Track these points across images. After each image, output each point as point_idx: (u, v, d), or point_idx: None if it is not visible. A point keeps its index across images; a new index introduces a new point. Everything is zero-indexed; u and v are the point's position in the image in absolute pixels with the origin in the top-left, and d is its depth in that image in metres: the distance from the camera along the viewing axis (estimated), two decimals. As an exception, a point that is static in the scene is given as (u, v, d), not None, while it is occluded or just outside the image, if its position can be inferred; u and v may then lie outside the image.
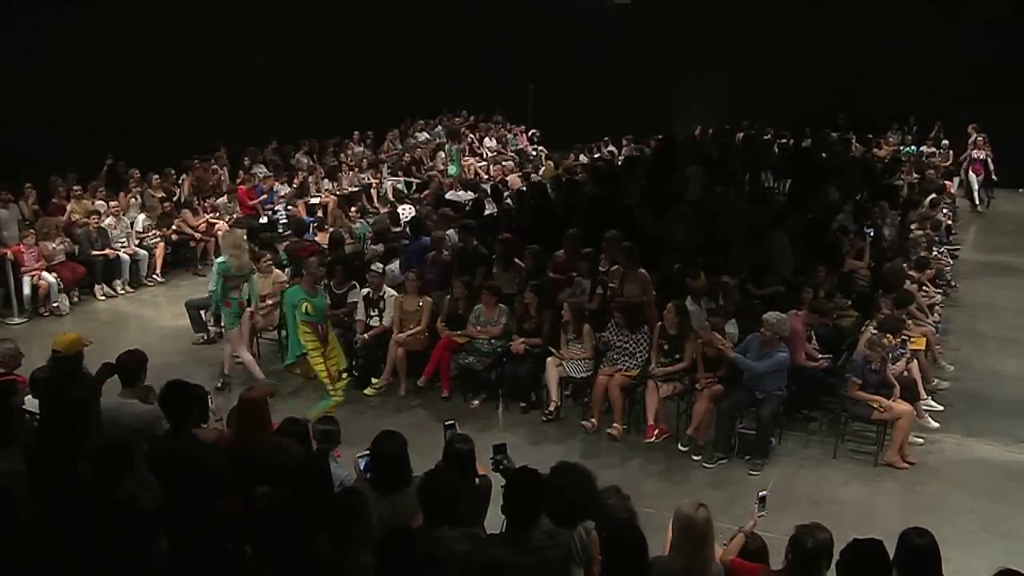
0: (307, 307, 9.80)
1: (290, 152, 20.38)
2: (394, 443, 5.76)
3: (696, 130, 24.15)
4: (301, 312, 9.80)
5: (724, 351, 9.65)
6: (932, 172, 20.49)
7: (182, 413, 6.29)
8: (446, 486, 5.20)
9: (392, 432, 5.91)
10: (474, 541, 5.01)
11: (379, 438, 5.83)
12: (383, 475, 5.68)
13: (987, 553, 7.33)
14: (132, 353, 7.27)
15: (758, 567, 5.59)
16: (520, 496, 4.92)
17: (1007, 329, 13.63)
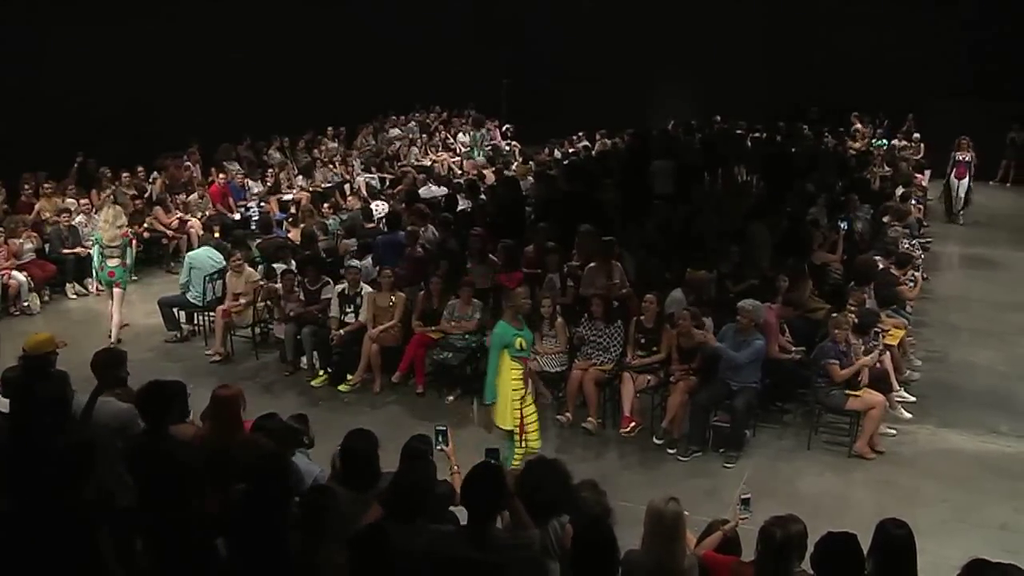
0: (520, 342, 8.65)
1: (263, 148, 20.27)
2: (364, 441, 5.73)
3: (670, 124, 24.15)
4: (515, 348, 8.61)
5: (706, 341, 9.67)
6: (904, 164, 20.55)
7: (159, 411, 6.24)
8: (418, 483, 5.18)
9: (363, 430, 5.88)
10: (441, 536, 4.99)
11: (350, 436, 5.80)
12: (353, 472, 5.64)
13: (961, 543, 7.37)
14: (109, 351, 7.23)
15: (730, 559, 5.60)
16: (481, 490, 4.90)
17: (980, 321, 13.72)
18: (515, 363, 8.63)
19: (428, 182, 18.19)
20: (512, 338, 8.60)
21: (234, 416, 6.58)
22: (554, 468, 5.37)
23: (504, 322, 8.74)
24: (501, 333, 8.69)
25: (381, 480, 5.57)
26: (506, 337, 8.62)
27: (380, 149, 22.42)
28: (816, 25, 25.08)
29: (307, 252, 12.81)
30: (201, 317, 12.88)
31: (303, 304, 11.63)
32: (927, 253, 16.49)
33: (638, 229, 13.35)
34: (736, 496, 6.29)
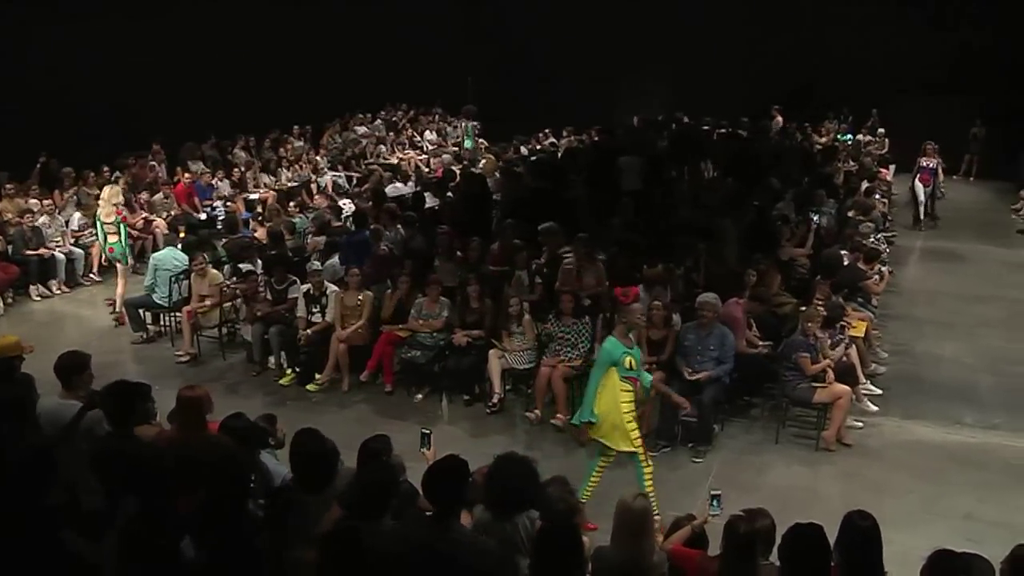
0: (630, 361, 7.94)
1: (228, 147, 20.14)
2: (313, 442, 5.69)
3: (635, 120, 24.20)
4: (624, 368, 7.91)
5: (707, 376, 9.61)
6: (868, 159, 20.71)
7: (124, 413, 6.18)
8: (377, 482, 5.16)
9: (311, 431, 5.84)
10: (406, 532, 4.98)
11: (297, 438, 5.76)
12: (304, 474, 5.60)
13: (927, 533, 7.46)
14: (73, 354, 7.15)
15: (697, 553, 5.63)
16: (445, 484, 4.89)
17: (944, 313, 13.85)
18: (625, 383, 7.91)
19: (395, 180, 18.14)
20: (622, 356, 7.89)
21: (199, 417, 6.54)
22: (522, 464, 5.37)
23: (614, 338, 8.01)
24: (610, 349, 7.94)
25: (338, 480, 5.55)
26: (615, 354, 7.89)
27: (345, 147, 22.31)
28: (781, 22, 25.20)
29: (274, 251, 12.74)
30: (168, 318, 12.78)
31: (270, 304, 11.57)
32: (892, 247, 16.64)
33: (605, 226, 13.37)
34: (707, 491, 6.25)
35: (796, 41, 24.87)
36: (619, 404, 7.85)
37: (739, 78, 25.07)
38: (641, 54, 25.85)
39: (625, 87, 26.57)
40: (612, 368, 7.87)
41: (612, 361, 7.87)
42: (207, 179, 17.90)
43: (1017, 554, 4.74)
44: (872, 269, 12.66)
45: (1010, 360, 12.11)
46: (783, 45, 24.97)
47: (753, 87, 25.10)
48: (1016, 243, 18.37)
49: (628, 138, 20.26)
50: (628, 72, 26.24)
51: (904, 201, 19.94)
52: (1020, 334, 13.07)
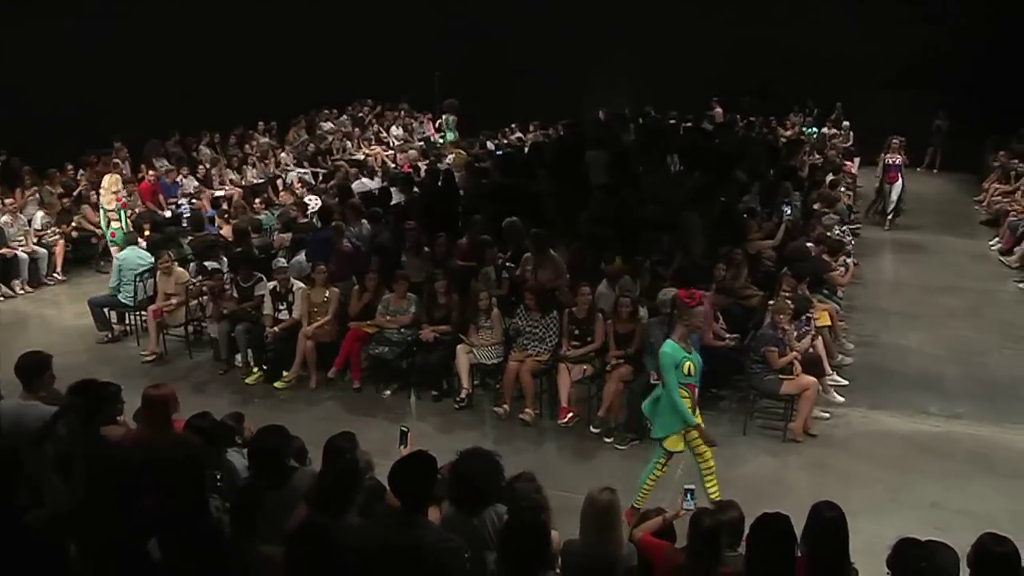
0: (689, 366, 7.72)
1: (192, 144, 20.00)
2: (274, 439, 5.66)
3: (602, 114, 24.23)
4: (682, 373, 7.69)
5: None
6: (833, 152, 20.83)
7: (91, 413, 6.13)
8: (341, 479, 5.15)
9: (274, 427, 5.83)
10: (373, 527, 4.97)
11: (258, 434, 5.74)
12: (263, 471, 5.58)
13: (894, 521, 7.49)
14: (34, 354, 7.08)
15: (665, 544, 5.64)
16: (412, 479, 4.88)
17: (909, 304, 13.96)
18: (682, 389, 7.69)
19: (361, 176, 18.07)
20: (682, 360, 7.67)
21: (165, 415, 6.49)
22: (487, 459, 5.37)
23: (673, 342, 7.73)
24: (671, 353, 7.67)
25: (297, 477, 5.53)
26: (676, 358, 7.66)
27: (309, 143, 22.19)
28: (747, 16, 25.29)
29: (239, 249, 12.66)
30: (133, 317, 12.68)
31: (236, 301, 11.50)
32: (857, 239, 16.76)
33: (572, 220, 13.38)
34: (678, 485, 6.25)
35: (762, 35, 24.96)
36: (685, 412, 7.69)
37: (705, 72, 25.14)
38: (608, 48, 25.89)
39: (591, 81, 26.56)
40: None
41: (675, 364, 7.65)
42: (172, 176, 17.78)
43: (981, 542, 4.78)
44: (837, 261, 12.74)
45: (974, 350, 12.22)
46: (749, 39, 25.06)
47: (719, 81, 25.20)
48: (979, 234, 18.53)
49: (594, 132, 20.25)
50: (594, 66, 26.25)
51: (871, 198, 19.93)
52: (984, 324, 13.21)
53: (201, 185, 18.22)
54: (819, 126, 24.62)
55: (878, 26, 23.70)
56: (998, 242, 17.40)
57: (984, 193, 20.75)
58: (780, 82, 25.01)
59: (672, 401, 7.66)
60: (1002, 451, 9.50)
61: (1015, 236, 16.64)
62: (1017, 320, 13.43)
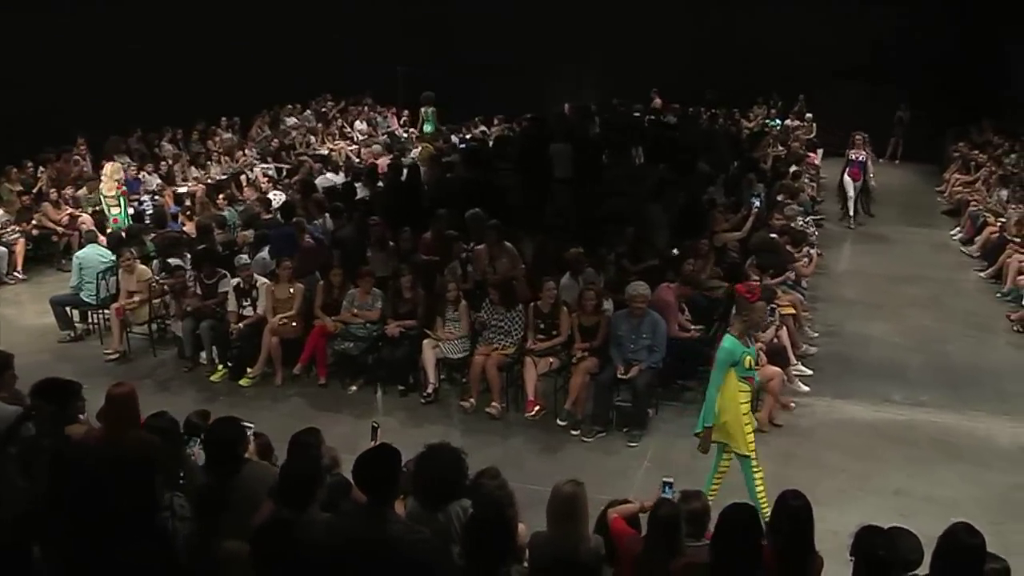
0: (749, 360, 7.54)
1: (155, 140, 19.81)
2: (229, 429, 5.64)
3: (566, 107, 24.25)
4: (743, 367, 7.52)
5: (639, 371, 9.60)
6: (797, 144, 20.96)
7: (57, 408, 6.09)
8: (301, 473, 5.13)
9: (229, 418, 5.80)
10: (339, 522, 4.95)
11: (215, 424, 5.71)
12: (215, 460, 5.55)
13: (859, 509, 7.56)
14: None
15: (630, 532, 5.67)
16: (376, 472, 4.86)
17: (872, 294, 14.08)
18: (743, 383, 7.57)
19: (325, 171, 18.00)
20: (742, 356, 7.47)
21: (129, 414, 6.43)
22: (450, 454, 5.35)
23: (733, 337, 7.52)
24: (731, 349, 7.47)
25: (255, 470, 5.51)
26: (736, 354, 7.46)
27: (272, 138, 22.04)
28: (710, 9, 25.38)
29: (203, 245, 12.56)
30: (96, 315, 12.56)
31: (200, 299, 11.42)
32: (821, 229, 16.87)
33: (536, 213, 13.39)
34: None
35: (726, 28, 25.07)
36: (738, 405, 7.57)
37: (669, 66, 25.18)
38: (572, 42, 25.86)
39: (556, 75, 26.55)
40: (731, 369, 7.52)
41: (733, 361, 7.47)
42: (134, 173, 17.58)
43: (954, 531, 4.81)
44: (800, 251, 12.82)
45: (936, 339, 12.34)
46: (712, 32, 25.17)
47: (683, 74, 25.26)
48: (941, 224, 18.70)
49: (559, 126, 20.25)
50: (559, 60, 26.22)
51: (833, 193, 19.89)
52: (946, 313, 13.35)
53: (164, 182, 18.04)
54: (783, 118, 24.75)
55: (840, 18, 23.83)
56: (959, 232, 17.59)
57: (945, 183, 20.96)
58: (744, 75, 25.09)
59: (709, 397, 7.59)
60: (964, 438, 9.60)
61: (976, 226, 16.82)
62: (978, 309, 13.59)
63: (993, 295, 14.19)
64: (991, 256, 15.26)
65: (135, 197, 17.15)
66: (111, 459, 5.11)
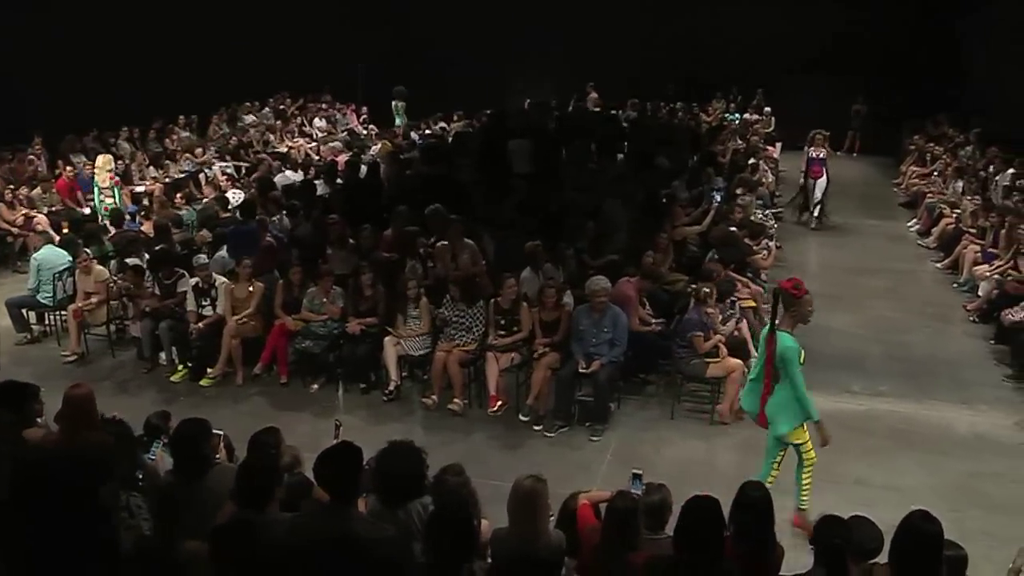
0: (803, 355, 7.56)
1: (111, 139, 19.60)
2: (194, 428, 5.60)
3: (526, 104, 24.27)
4: (799, 363, 7.51)
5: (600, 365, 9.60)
6: (756, 139, 21.08)
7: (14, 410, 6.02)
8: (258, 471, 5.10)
9: (196, 419, 5.75)
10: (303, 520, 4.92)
11: (181, 424, 5.67)
12: (182, 460, 5.50)
13: (820, 498, 7.63)
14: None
15: (593, 521, 5.68)
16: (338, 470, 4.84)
17: (832, 286, 14.12)
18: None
19: (283, 169, 17.90)
20: (800, 351, 7.49)
21: (87, 416, 6.38)
22: (411, 451, 5.35)
23: (789, 333, 7.54)
24: (795, 347, 7.46)
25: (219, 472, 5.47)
26: (798, 349, 7.47)
27: (231, 136, 21.89)
28: (669, 4, 25.44)
29: (161, 245, 12.45)
30: (53, 317, 12.41)
31: (159, 298, 11.32)
32: (780, 222, 16.97)
33: (496, 209, 13.39)
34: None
35: (684, 23, 25.15)
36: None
37: (628, 61, 25.24)
38: (531, 38, 25.86)
39: (516, 71, 26.55)
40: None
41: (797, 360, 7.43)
42: (90, 172, 17.39)
43: (910, 519, 4.86)
44: (759, 244, 12.89)
45: (895, 329, 12.46)
46: (671, 27, 25.24)
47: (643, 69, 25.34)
48: (898, 216, 18.89)
49: (518, 121, 20.26)
50: (519, 56, 26.22)
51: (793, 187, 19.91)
52: (904, 304, 13.48)
53: (121, 181, 17.86)
54: (741, 112, 24.91)
55: (796, 11, 23.96)
56: (916, 223, 17.77)
57: (902, 176, 21.17)
58: (704, 69, 25.21)
59: (800, 395, 7.48)
60: (923, 427, 9.70)
61: (932, 217, 17.00)
62: (935, 299, 13.73)
63: (950, 285, 14.35)
64: (947, 247, 15.45)
65: (91, 197, 16.99)
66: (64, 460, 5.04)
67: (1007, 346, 11.59)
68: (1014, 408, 10.25)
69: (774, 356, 7.44)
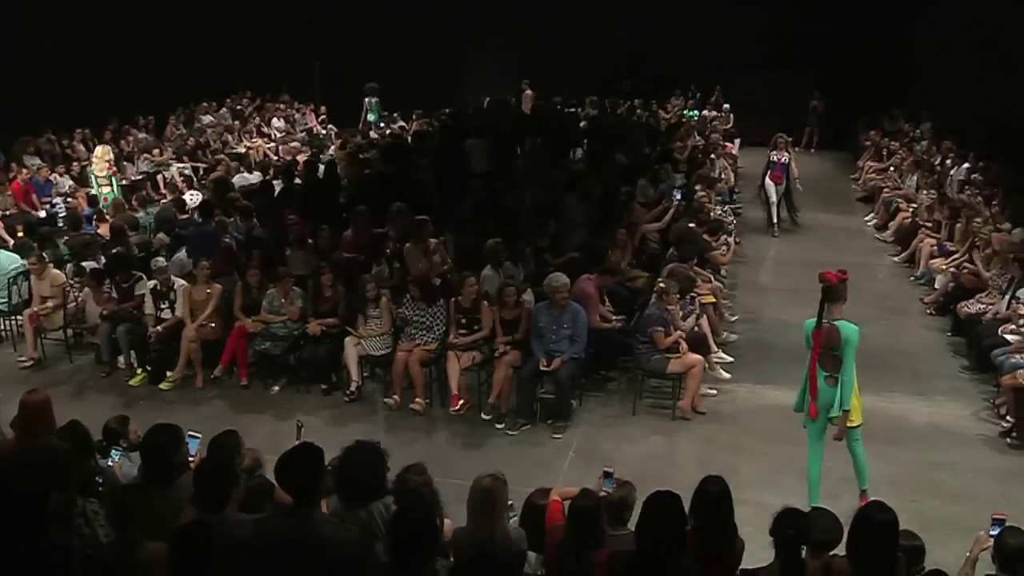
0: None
1: (66, 141, 19.37)
2: (165, 436, 5.55)
3: (484, 102, 24.29)
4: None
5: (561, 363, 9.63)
6: (716, 136, 21.20)
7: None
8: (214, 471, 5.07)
9: (167, 425, 5.70)
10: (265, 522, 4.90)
11: (151, 431, 5.61)
12: (152, 467, 5.46)
13: (780, 491, 7.71)
14: None
15: (559, 520, 5.68)
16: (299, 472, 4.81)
17: (790, 280, 14.26)
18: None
19: (242, 169, 17.79)
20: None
21: (43, 421, 6.31)
22: (372, 451, 5.33)
23: (846, 320, 7.79)
24: (856, 330, 7.76)
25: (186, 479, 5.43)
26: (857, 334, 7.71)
27: (188, 137, 21.70)
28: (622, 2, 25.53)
29: (117, 248, 12.34)
30: (8, 322, 12.26)
31: (116, 302, 11.21)
32: (739, 218, 17.07)
33: (454, 208, 13.39)
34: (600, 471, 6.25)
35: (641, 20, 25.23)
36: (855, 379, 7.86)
37: (587, 58, 25.32)
38: (488, 36, 25.87)
39: (473, 69, 26.54)
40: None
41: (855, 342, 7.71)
42: (45, 175, 17.21)
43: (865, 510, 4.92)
44: (717, 240, 12.96)
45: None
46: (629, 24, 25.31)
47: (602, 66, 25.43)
48: (856, 211, 19.07)
49: (476, 120, 20.27)
50: (476, 54, 26.22)
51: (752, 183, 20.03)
52: (861, 297, 13.45)
53: (76, 183, 17.69)
54: (700, 109, 25.05)
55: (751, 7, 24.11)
56: (873, 218, 17.94)
57: (859, 171, 21.38)
58: (659, 66, 25.31)
59: (851, 379, 7.77)
60: (880, 419, 9.73)
61: (889, 212, 17.17)
62: (892, 292, 13.88)
63: (907, 279, 14.52)
64: (904, 241, 15.61)
65: (46, 200, 16.81)
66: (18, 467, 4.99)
67: (963, 338, 11.73)
68: (971, 399, 10.38)
69: (823, 347, 7.75)
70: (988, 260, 12.31)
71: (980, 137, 18.11)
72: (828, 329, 7.73)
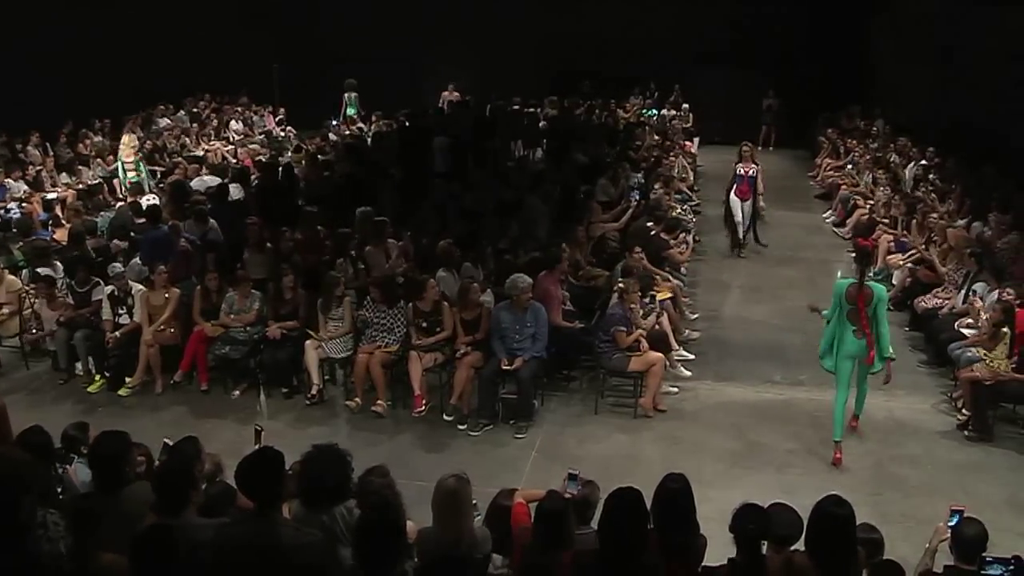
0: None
1: (19, 144, 19.10)
2: (114, 442, 5.48)
3: (443, 103, 24.25)
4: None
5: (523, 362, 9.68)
6: (677, 136, 21.29)
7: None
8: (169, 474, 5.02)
9: (115, 432, 5.63)
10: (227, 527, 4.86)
11: (98, 439, 5.54)
12: (99, 475, 5.40)
13: (743, 487, 7.79)
14: None
15: (525, 521, 5.68)
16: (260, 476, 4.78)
17: (750, 277, 14.39)
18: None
19: (201, 172, 17.65)
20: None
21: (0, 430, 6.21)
22: (335, 454, 5.30)
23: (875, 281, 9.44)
24: (885, 289, 9.41)
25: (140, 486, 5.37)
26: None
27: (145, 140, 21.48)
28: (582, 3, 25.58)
29: (75, 253, 12.20)
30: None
31: (73, 307, 11.08)
32: (698, 216, 17.15)
33: (416, 208, 13.36)
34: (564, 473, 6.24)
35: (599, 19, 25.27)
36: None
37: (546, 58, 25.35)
38: (446, 36, 25.85)
39: (432, 70, 26.51)
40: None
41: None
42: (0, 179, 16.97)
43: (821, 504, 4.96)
44: (676, 238, 13.01)
45: (813, 319, 12.52)
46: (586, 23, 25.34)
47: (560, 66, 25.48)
48: (814, 207, 19.21)
49: (437, 120, 20.24)
50: (435, 55, 26.19)
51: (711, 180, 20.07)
52: (821, 293, 13.53)
53: (31, 188, 17.45)
54: (659, 108, 25.13)
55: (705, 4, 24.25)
56: (831, 215, 18.09)
57: (817, 168, 21.53)
58: (615, 65, 25.36)
59: (887, 330, 8.87)
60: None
61: (846, 208, 17.33)
62: (851, 288, 13.96)
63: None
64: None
65: (0, 205, 16.55)
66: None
67: (921, 332, 11.86)
68: (930, 393, 10.51)
69: (867, 304, 8.70)
70: (944, 255, 12.43)
71: (935, 134, 18.34)
72: (860, 294, 8.72)
